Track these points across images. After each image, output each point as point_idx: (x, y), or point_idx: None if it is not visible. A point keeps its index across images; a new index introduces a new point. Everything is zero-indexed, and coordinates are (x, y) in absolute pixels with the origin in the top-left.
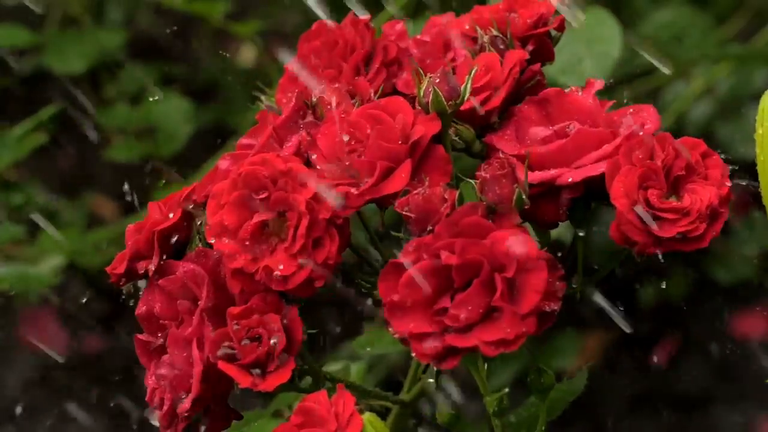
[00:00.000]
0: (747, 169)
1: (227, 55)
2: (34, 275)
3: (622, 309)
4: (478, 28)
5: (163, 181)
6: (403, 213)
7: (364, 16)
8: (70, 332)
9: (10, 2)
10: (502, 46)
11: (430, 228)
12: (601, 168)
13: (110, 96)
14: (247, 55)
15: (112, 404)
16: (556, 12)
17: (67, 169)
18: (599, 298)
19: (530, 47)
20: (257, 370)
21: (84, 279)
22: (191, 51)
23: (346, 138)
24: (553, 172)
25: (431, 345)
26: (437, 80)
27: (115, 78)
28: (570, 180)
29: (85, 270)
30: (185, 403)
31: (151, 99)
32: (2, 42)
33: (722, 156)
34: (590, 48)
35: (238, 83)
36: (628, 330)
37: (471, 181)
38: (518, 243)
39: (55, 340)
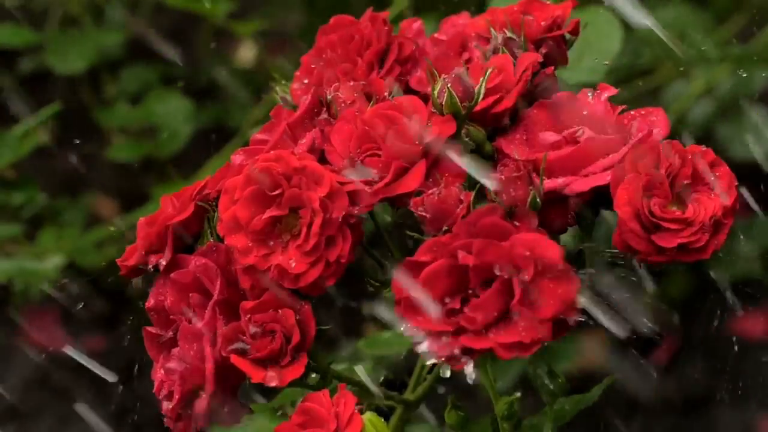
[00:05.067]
0: (747, 169)
1: (227, 55)
2: (33, 270)
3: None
4: (492, 30)
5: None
6: (418, 213)
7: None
8: (70, 332)
9: (11, 2)
10: (516, 49)
11: (445, 228)
12: (608, 177)
13: (110, 96)
14: (246, 54)
15: (112, 404)
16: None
17: (67, 169)
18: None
19: (544, 50)
20: (270, 365)
21: (84, 279)
22: (191, 51)
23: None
24: (561, 180)
25: (445, 345)
26: (451, 81)
27: (115, 78)
28: (578, 189)
29: (86, 269)
30: (203, 401)
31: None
32: (2, 41)
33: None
34: (590, 45)
35: (238, 83)
36: (624, 333)
37: (486, 181)
38: (543, 246)
39: (55, 340)
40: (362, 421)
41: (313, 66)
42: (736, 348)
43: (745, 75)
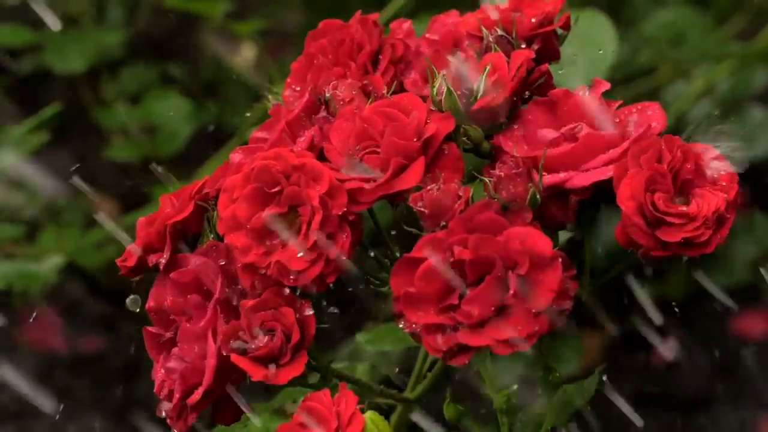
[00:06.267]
0: (747, 169)
1: (227, 55)
2: (33, 272)
3: (622, 309)
4: (483, 28)
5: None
6: (417, 208)
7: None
8: (70, 332)
9: (10, 2)
10: (507, 46)
11: (443, 224)
12: (609, 172)
13: (110, 96)
14: (246, 54)
15: (111, 404)
16: (562, 10)
17: (67, 169)
18: (600, 299)
19: (536, 46)
20: (270, 364)
21: (84, 279)
22: (191, 51)
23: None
24: (562, 175)
25: (443, 341)
26: (450, 79)
27: (115, 78)
28: (579, 184)
29: (85, 269)
30: (196, 395)
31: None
32: (3, 41)
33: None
34: (584, 50)
35: (238, 83)
36: (620, 333)
37: (485, 178)
38: (534, 239)
39: (55, 340)
40: (364, 420)
41: (303, 72)
42: (735, 348)
43: (745, 75)
